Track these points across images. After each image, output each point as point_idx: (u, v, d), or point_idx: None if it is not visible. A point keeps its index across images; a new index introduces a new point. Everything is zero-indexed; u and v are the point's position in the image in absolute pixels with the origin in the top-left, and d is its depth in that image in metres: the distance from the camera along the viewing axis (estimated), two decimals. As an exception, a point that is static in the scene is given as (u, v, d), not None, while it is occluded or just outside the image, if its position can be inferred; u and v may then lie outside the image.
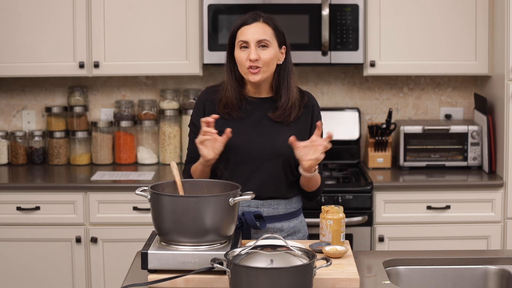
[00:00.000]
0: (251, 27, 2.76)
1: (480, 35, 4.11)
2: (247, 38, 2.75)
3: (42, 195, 3.90)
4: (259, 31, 2.76)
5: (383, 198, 3.92)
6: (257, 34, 2.75)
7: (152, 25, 4.13)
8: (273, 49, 2.77)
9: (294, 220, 2.92)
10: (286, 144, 2.78)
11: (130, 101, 4.44)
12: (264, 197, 2.84)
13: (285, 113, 2.82)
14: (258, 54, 2.75)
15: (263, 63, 2.76)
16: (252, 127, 2.83)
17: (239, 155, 2.81)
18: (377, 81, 4.48)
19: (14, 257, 3.92)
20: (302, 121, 2.86)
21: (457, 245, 3.91)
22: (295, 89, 2.84)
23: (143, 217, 3.88)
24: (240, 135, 2.81)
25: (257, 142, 2.81)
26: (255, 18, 2.78)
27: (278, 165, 2.82)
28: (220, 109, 2.84)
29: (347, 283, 2.37)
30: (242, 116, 2.83)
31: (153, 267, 2.39)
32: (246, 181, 2.78)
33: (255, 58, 2.74)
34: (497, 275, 2.66)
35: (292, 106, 2.82)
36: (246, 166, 2.81)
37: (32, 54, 4.12)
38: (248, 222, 2.79)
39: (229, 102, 2.82)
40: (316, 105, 2.93)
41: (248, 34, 2.75)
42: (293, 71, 2.86)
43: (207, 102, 2.88)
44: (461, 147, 4.19)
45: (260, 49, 2.76)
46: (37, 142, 4.40)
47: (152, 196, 2.44)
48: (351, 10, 4.05)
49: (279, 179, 2.84)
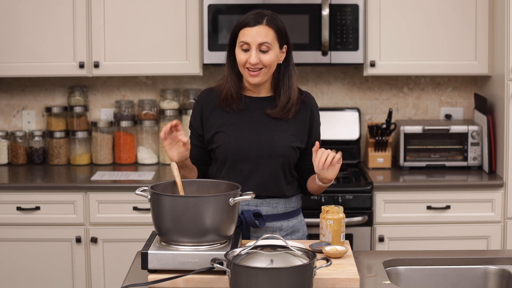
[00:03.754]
0: (253, 29, 2.74)
1: (480, 35, 4.11)
2: (249, 40, 2.74)
3: (42, 195, 3.90)
4: (261, 34, 2.74)
5: (383, 198, 3.92)
6: (258, 37, 2.74)
7: (152, 25, 4.13)
8: (274, 52, 2.77)
9: (293, 220, 2.92)
10: (285, 143, 2.79)
11: (130, 101, 4.44)
12: (263, 196, 2.84)
13: (284, 110, 2.82)
14: (259, 57, 2.74)
15: (264, 65, 2.76)
16: (251, 126, 2.83)
17: (237, 155, 2.81)
18: (377, 81, 4.48)
19: (14, 257, 3.92)
20: (300, 120, 2.86)
21: (457, 245, 3.91)
22: (295, 88, 2.84)
23: (143, 217, 3.88)
24: (239, 135, 2.81)
25: (256, 142, 2.81)
26: (258, 20, 2.75)
27: (276, 165, 2.82)
28: (220, 102, 2.84)
29: (347, 283, 2.37)
30: (243, 108, 2.83)
31: (153, 267, 2.39)
32: (245, 180, 2.79)
33: (256, 62, 2.74)
34: (497, 275, 2.66)
35: (292, 105, 2.82)
36: (245, 166, 2.81)
37: (32, 54, 4.12)
38: (247, 220, 2.79)
39: (229, 95, 2.82)
40: (315, 108, 2.92)
41: (249, 36, 2.74)
42: (294, 70, 2.86)
43: (205, 104, 2.87)
44: (461, 147, 4.19)
45: (261, 53, 2.75)
46: (37, 142, 4.40)
47: (152, 196, 2.44)
48: (351, 10, 4.05)
49: (278, 178, 2.84)
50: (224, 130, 2.82)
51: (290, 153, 2.82)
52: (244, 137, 2.82)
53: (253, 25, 2.74)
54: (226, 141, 2.80)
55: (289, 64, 2.84)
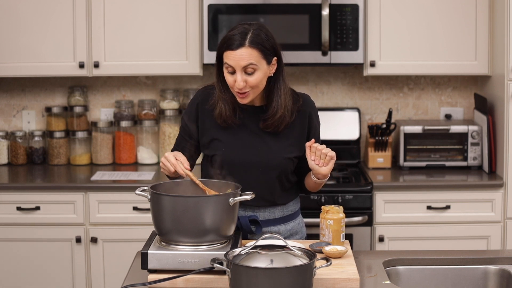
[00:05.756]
0: (235, 53, 2.63)
1: (480, 35, 4.11)
2: (232, 64, 2.65)
3: (42, 195, 3.90)
4: (243, 57, 2.63)
5: (383, 198, 3.92)
6: (242, 61, 2.64)
7: (152, 25, 4.13)
8: (261, 71, 2.68)
9: (291, 223, 2.89)
10: (281, 155, 2.76)
11: (130, 101, 4.44)
12: (260, 205, 2.82)
13: (274, 123, 2.75)
14: (245, 80, 2.66)
15: (250, 86, 2.68)
16: (246, 138, 2.79)
17: (233, 166, 2.76)
18: (377, 81, 4.48)
19: (14, 257, 3.92)
20: (297, 128, 2.81)
21: (457, 245, 3.91)
22: (286, 97, 2.76)
23: (143, 217, 3.88)
24: (235, 147, 2.78)
25: (252, 154, 2.77)
26: (240, 42, 2.63)
27: (273, 176, 2.79)
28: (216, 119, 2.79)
29: (347, 283, 2.37)
30: (239, 123, 2.79)
31: (153, 267, 2.39)
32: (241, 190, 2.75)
33: (242, 86, 2.66)
34: (497, 275, 2.66)
35: (282, 115, 2.74)
36: (240, 176, 2.72)
37: (32, 54, 4.12)
38: (244, 227, 2.76)
39: (223, 113, 2.76)
40: (314, 113, 2.86)
41: (232, 60, 2.65)
42: (285, 79, 2.77)
43: (201, 108, 2.82)
44: (461, 147, 4.19)
45: (246, 75, 2.66)
46: (37, 142, 4.40)
47: (152, 196, 2.44)
48: (351, 10, 4.05)
49: (274, 188, 2.81)
50: (220, 138, 2.79)
51: (286, 164, 2.79)
52: (240, 148, 2.77)
53: (236, 48, 2.63)
54: (222, 151, 2.77)
55: (280, 74, 2.75)
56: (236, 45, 2.63)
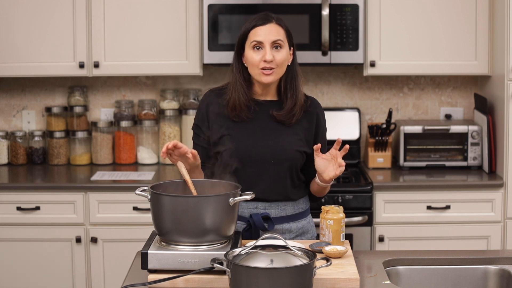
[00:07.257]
0: (265, 28, 2.75)
1: (480, 35, 4.11)
2: (262, 38, 2.74)
3: (42, 195, 3.90)
4: (273, 32, 2.75)
5: (383, 198, 3.92)
6: (271, 35, 2.74)
7: (152, 25, 4.13)
8: (286, 50, 2.78)
9: (302, 221, 2.91)
10: (292, 147, 2.79)
11: (130, 101, 4.44)
12: (271, 200, 2.84)
13: (290, 114, 2.81)
14: (273, 55, 2.74)
15: (277, 64, 2.75)
16: (258, 131, 2.81)
17: (245, 159, 2.78)
18: (377, 81, 4.48)
19: (14, 257, 3.92)
20: (306, 126, 2.85)
21: (457, 245, 3.91)
22: (301, 90, 2.85)
23: (143, 217, 3.88)
24: (246, 139, 2.80)
25: (263, 146, 2.80)
26: (267, 19, 2.77)
27: (283, 169, 2.82)
28: (228, 113, 2.81)
29: (347, 283, 2.38)
30: (252, 117, 2.81)
31: (153, 267, 2.39)
32: (252, 184, 2.77)
33: (271, 59, 2.73)
34: (497, 275, 2.66)
35: (298, 108, 2.82)
36: (252, 170, 2.79)
37: (32, 54, 4.12)
38: (256, 224, 2.79)
39: (238, 103, 2.79)
40: (321, 114, 2.92)
41: (262, 35, 2.74)
42: (300, 73, 2.86)
43: (210, 105, 2.85)
44: (461, 147, 4.19)
45: (274, 50, 2.75)
46: (37, 142, 4.40)
47: (152, 196, 2.44)
48: (351, 10, 4.05)
49: (285, 182, 2.83)
50: (230, 134, 2.80)
51: (297, 157, 2.81)
52: (251, 141, 2.80)
53: (264, 23, 2.76)
54: (233, 145, 2.78)
55: (295, 66, 2.84)
56: (264, 22, 2.76)
